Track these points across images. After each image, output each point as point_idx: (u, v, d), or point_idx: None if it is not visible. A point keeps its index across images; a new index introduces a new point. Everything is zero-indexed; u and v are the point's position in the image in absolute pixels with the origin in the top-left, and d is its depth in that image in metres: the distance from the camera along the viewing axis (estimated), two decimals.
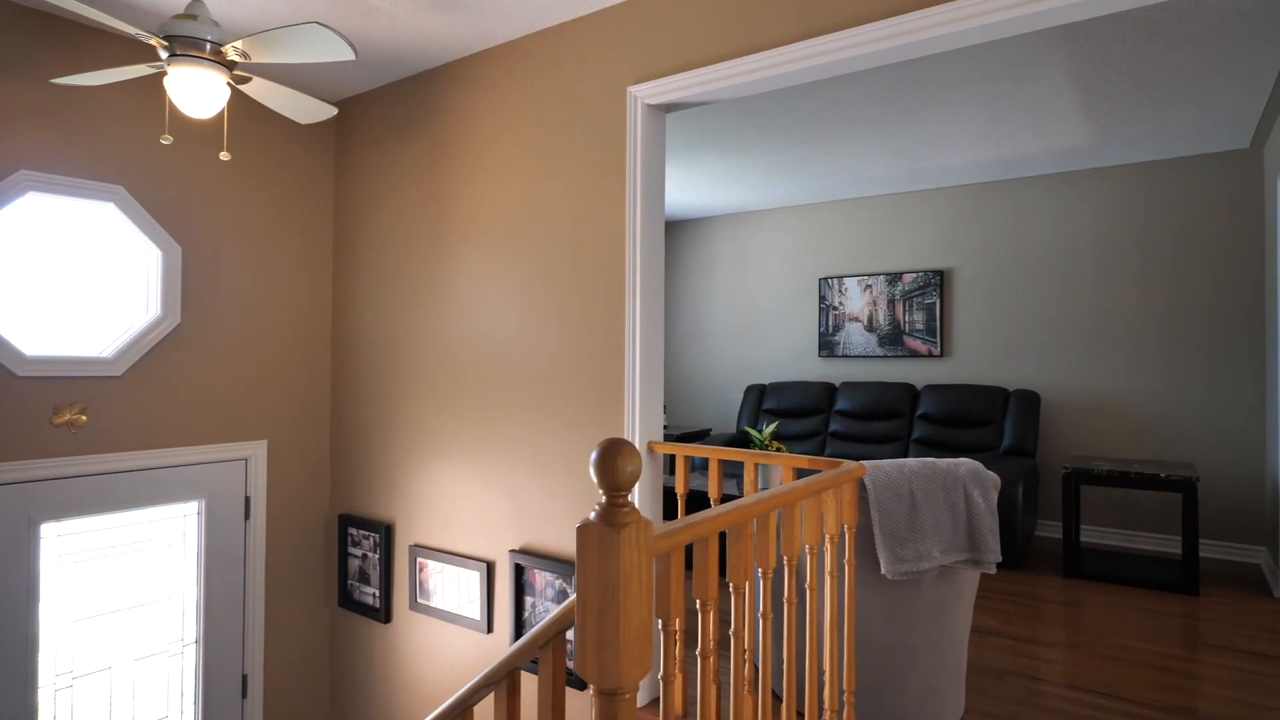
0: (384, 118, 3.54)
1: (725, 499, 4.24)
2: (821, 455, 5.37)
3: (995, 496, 2.28)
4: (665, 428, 6.18)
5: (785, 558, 1.77)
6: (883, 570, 2.15)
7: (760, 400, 5.97)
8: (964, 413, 4.97)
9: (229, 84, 2.44)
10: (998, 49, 3.07)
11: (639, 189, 2.62)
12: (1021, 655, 3.05)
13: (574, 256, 2.81)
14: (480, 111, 3.14)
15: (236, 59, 2.33)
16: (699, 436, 6.09)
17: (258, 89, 2.56)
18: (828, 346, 5.96)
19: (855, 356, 5.83)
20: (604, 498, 1.19)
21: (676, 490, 2.63)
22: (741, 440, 5.75)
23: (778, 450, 4.25)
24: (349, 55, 2.22)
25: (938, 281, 5.44)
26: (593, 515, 1.18)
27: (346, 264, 3.71)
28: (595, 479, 1.18)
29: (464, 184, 3.19)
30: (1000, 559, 2.21)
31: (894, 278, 5.64)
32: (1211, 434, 4.50)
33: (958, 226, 5.41)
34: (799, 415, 5.72)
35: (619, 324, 2.66)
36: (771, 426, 4.29)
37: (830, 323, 5.95)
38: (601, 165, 2.74)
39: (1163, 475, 3.84)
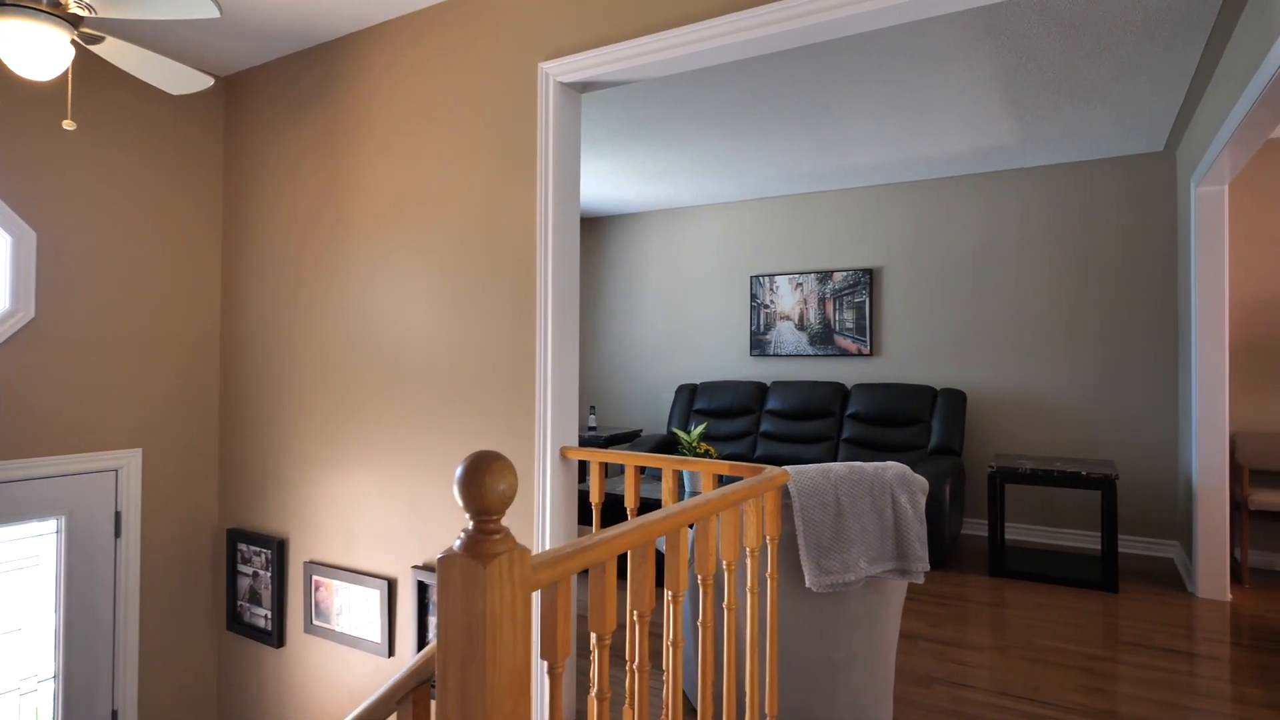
0: (277, 94, 3.24)
1: (653, 505, 4.07)
2: (752, 456, 5.28)
3: (923, 502, 2.17)
4: (593, 429, 5.99)
5: (700, 577, 1.60)
6: (807, 583, 2.01)
7: (691, 400, 5.84)
8: (893, 412, 4.95)
9: (74, 42, 2.12)
10: (924, 40, 2.99)
11: (551, 175, 2.42)
12: (949, 660, 2.98)
13: (483, 247, 2.58)
14: (381, 89, 2.88)
15: (81, 13, 2.02)
16: (629, 438, 5.92)
17: (113, 51, 2.24)
18: (759, 345, 5.87)
19: (787, 355, 5.76)
20: (470, 523, 1.00)
21: (591, 500, 2.44)
22: (671, 442, 5.61)
23: (705, 453, 4.12)
24: (213, 13, 1.95)
25: (867, 280, 5.41)
26: (457, 544, 0.98)
27: (237, 255, 3.38)
28: (460, 501, 0.99)
29: (365, 168, 2.93)
30: (929, 568, 2.10)
31: (824, 276, 5.60)
32: (1128, 431, 4.59)
33: (887, 225, 5.40)
34: (730, 415, 5.61)
35: (529, 320, 2.46)
36: (700, 428, 4.15)
37: (762, 321, 5.87)
38: (512, 149, 2.52)
39: (1084, 473, 3.87)
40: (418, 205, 2.76)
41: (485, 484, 0.97)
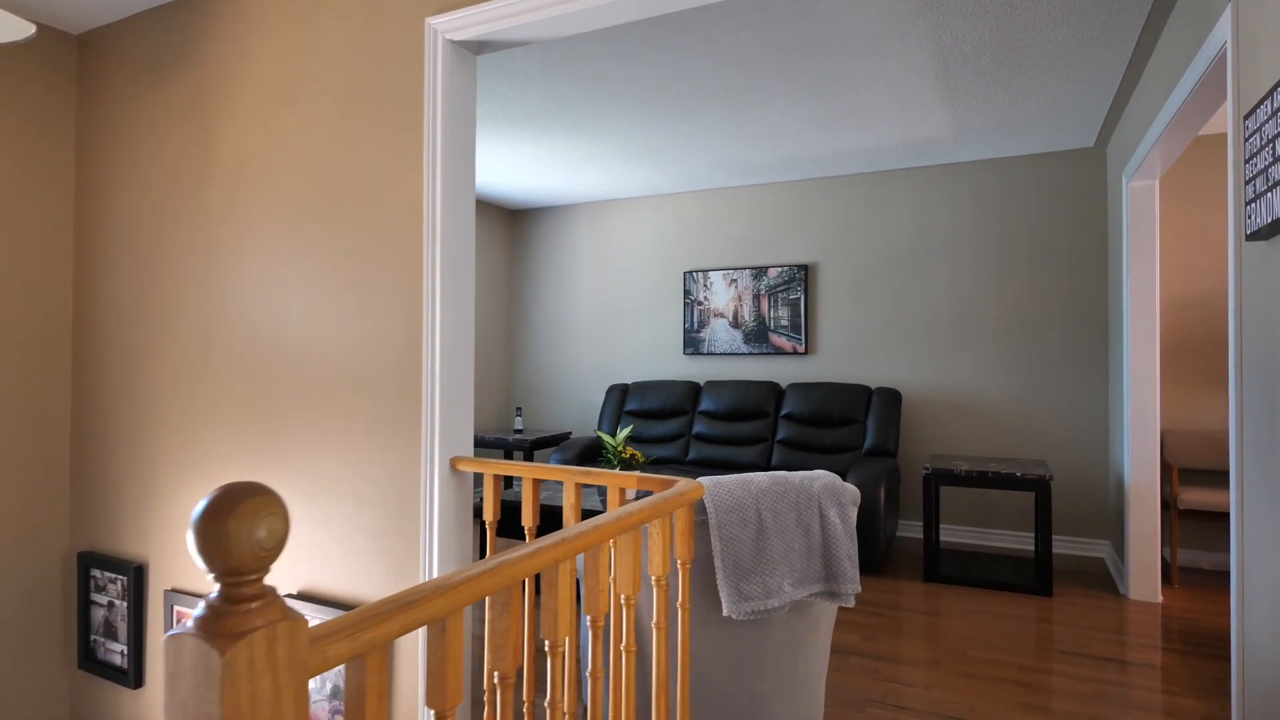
0: (139, 54, 2.83)
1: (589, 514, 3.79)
2: (685, 459, 5.06)
3: (855, 514, 1.96)
4: (519, 432, 5.68)
5: (589, 619, 1.34)
6: (725, 611, 1.77)
7: (623, 401, 5.59)
8: (828, 412, 4.79)
9: None
10: (857, 14, 2.80)
11: (440, 147, 2.12)
12: (882, 679, 2.80)
13: (366, 229, 2.26)
14: (251, 48, 2.52)
15: None
16: (557, 441, 5.63)
17: None
18: (693, 344, 5.66)
19: (721, 354, 5.56)
20: (215, 588, 0.71)
21: (485, 519, 2.14)
22: (599, 446, 5.34)
23: (631, 458, 3.86)
24: None
25: (802, 276, 5.25)
26: (189, 624, 0.68)
27: (92, 237, 2.95)
28: (196, 558, 0.69)
29: (235, 139, 2.56)
30: (859, 589, 1.89)
31: (759, 272, 5.42)
32: (1061, 429, 4.54)
33: (822, 220, 5.25)
34: (662, 417, 5.38)
35: (415, 312, 2.15)
36: (625, 431, 3.90)
37: (696, 319, 5.65)
38: (396, 117, 2.21)
39: (1018, 475, 3.76)
40: (294, 181, 2.41)
41: (230, 533, 0.68)
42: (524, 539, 3.75)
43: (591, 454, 5.22)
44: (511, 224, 6.51)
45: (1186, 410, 4.22)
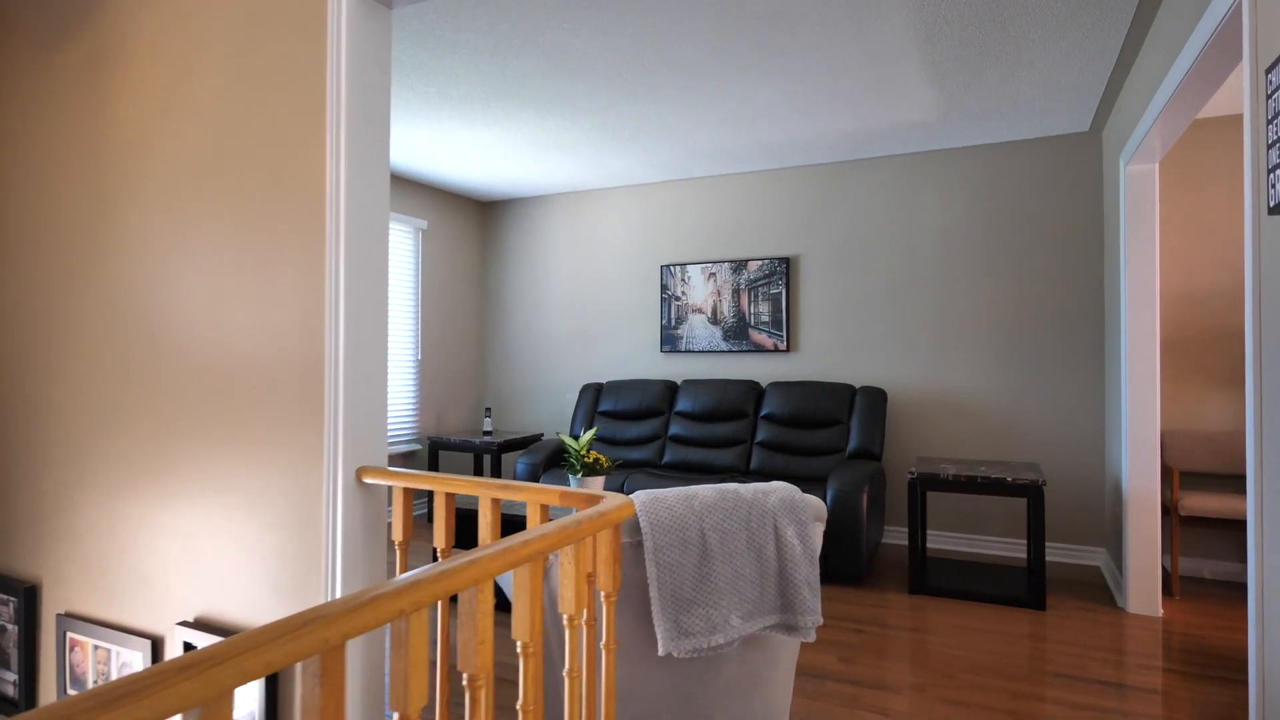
0: (29, 19, 2.55)
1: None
2: (660, 462, 4.80)
3: (818, 534, 1.70)
4: (488, 434, 5.41)
5: (466, 678, 1.07)
6: (660, 650, 1.51)
7: (597, 401, 5.32)
8: (809, 413, 4.54)
9: None
10: None
11: (344, 115, 1.85)
12: (860, 706, 2.54)
13: (265, 206, 1.99)
14: (151, 4, 2.24)
15: None
16: (527, 443, 5.36)
17: None
18: (670, 341, 5.39)
19: (699, 352, 5.30)
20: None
21: (395, 539, 1.87)
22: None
23: (595, 462, 3.60)
24: None
25: (784, 270, 5.00)
26: None
27: None
28: None
29: (132, 107, 2.28)
30: (821, 621, 1.63)
31: (739, 265, 5.16)
32: (1054, 430, 4.29)
33: (804, 211, 4.99)
34: (637, 417, 5.11)
35: (316, 302, 1.88)
36: (589, 433, 3.64)
37: (673, 315, 5.39)
38: (297, 81, 1.94)
39: (1009, 480, 3.51)
40: (190, 154, 2.14)
41: None
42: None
43: (561, 457, 4.95)
44: (483, 216, 6.23)
45: (1187, 410, 3.98)
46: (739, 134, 4.30)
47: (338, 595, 1.82)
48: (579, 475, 3.57)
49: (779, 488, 1.66)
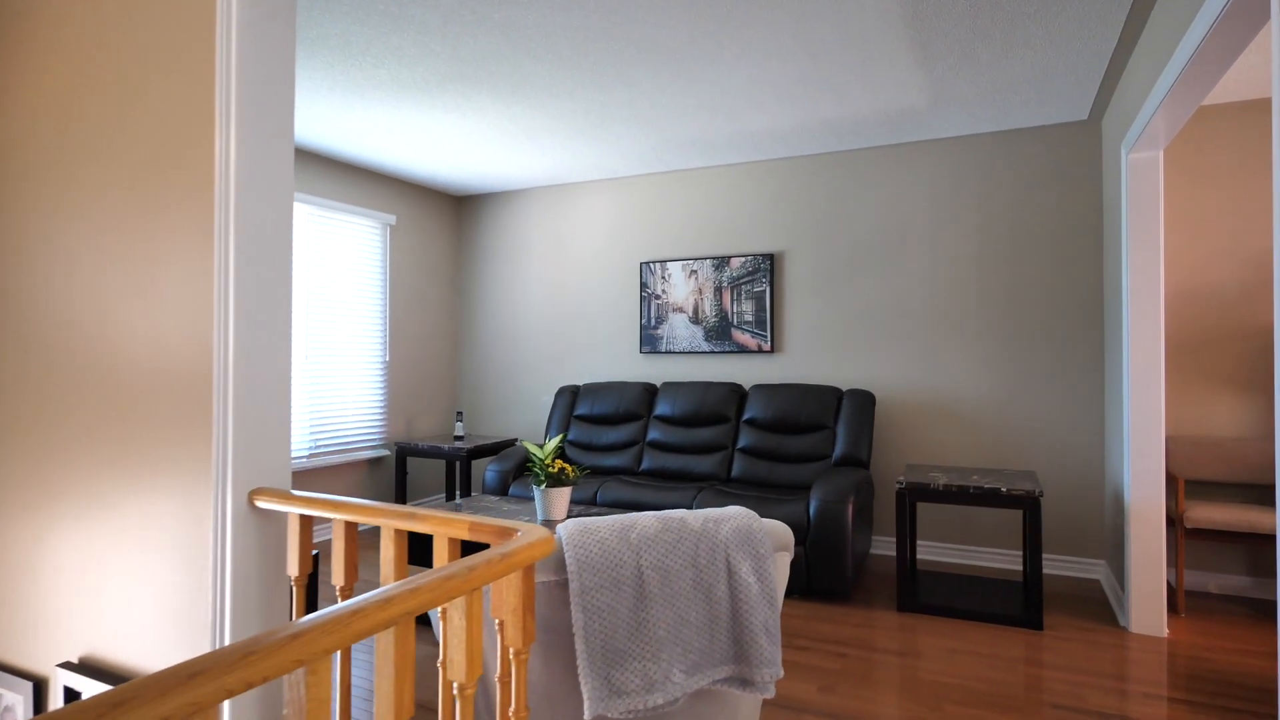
0: None
1: None
2: (638, 469, 4.56)
3: (783, 565, 1.46)
4: (459, 439, 5.16)
5: None
6: (587, 713, 1.26)
7: (573, 404, 5.07)
8: (794, 417, 4.30)
9: None
10: None
11: (234, 89, 1.60)
12: None
13: (155, 199, 1.74)
14: None
15: None
16: (499, 449, 5.12)
17: None
18: (650, 341, 5.15)
19: (680, 353, 5.06)
20: None
21: (290, 574, 1.62)
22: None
23: (561, 472, 3.36)
24: None
25: (768, 266, 4.76)
26: None
27: None
28: None
29: (28, 82, 2.03)
30: (781, 673, 1.38)
31: (721, 262, 4.91)
32: (1051, 436, 4.06)
33: (788, 205, 4.75)
34: (615, 422, 4.87)
35: (204, 301, 1.63)
36: (554, 441, 3.39)
37: (653, 314, 5.15)
38: (188, 52, 1.69)
39: (1004, 490, 3.28)
40: (84, 135, 1.89)
41: None
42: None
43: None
44: (458, 211, 5.98)
45: (1193, 415, 3.75)
46: (717, 122, 4.06)
47: (227, 636, 1.57)
48: (543, 486, 3.33)
49: (733, 515, 1.42)
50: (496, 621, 1.21)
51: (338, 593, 1.51)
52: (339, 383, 4.90)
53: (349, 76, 3.39)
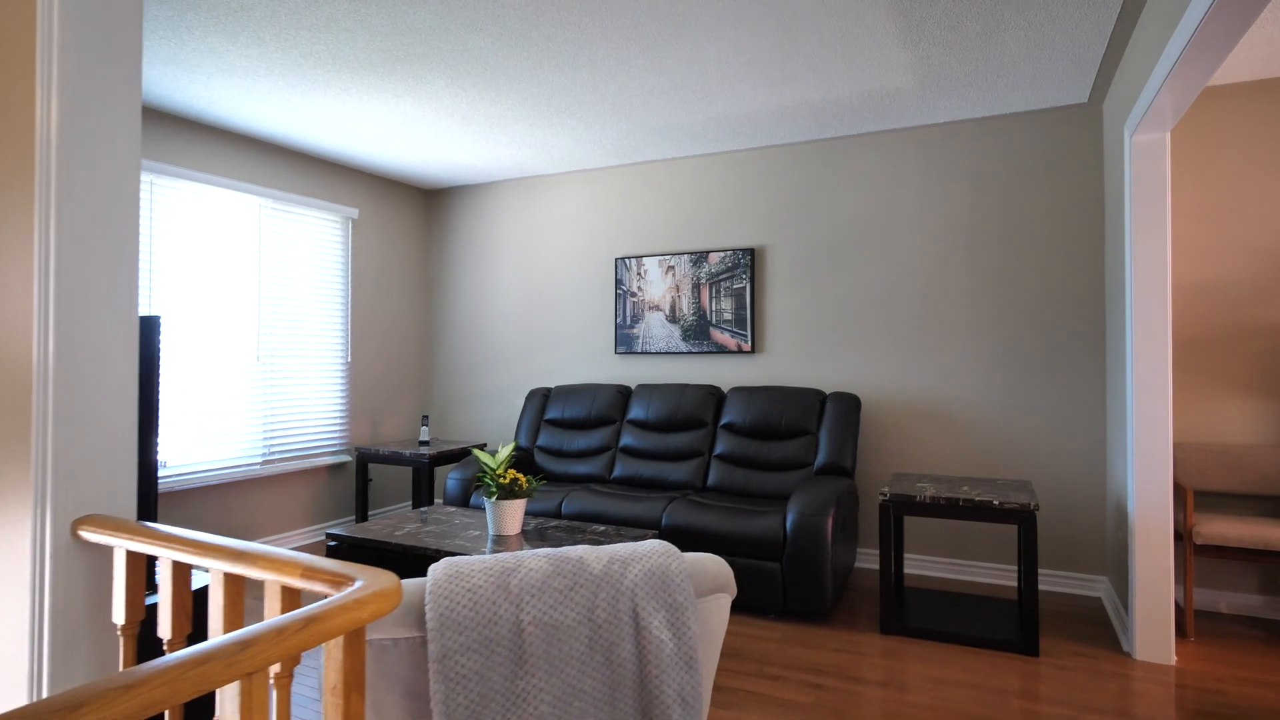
0: None
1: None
2: (610, 477, 4.29)
3: (716, 612, 1.19)
4: (424, 444, 4.89)
5: None
6: None
7: (544, 407, 4.80)
8: (774, 422, 4.02)
9: None
10: None
11: (56, 28, 1.33)
12: None
13: None
14: None
15: None
16: (466, 454, 4.84)
17: None
18: (626, 341, 4.88)
19: (657, 353, 4.79)
20: None
21: (115, 620, 1.35)
22: (517, 461, 4.51)
23: (514, 483, 3.09)
24: None
25: (748, 262, 4.48)
26: None
27: None
28: None
29: None
30: None
31: (699, 257, 4.64)
32: (1049, 445, 3.78)
33: (769, 196, 4.48)
34: (587, 426, 4.60)
35: (24, 290, 1.36)
36: (506, 450, 3.13)
37: (628, 312, 4.88)
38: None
39: (996, 504, 3.00)
40: None
41: None
42: None
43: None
44: (427, 205, 5.71)
45: (1202, 420, 3.47)
46: (689, 106, 3.79)
47: (44, 689, 1.30)
48: (493, 498, 3.06)
49: (645, 554, 1.15)
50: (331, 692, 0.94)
51: (166, 646, 1.24)
52: (295, 384, 4.63)
53: (285, 55, 3.12)
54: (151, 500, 1.94)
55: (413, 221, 5.57)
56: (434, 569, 1.11)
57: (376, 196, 5.23)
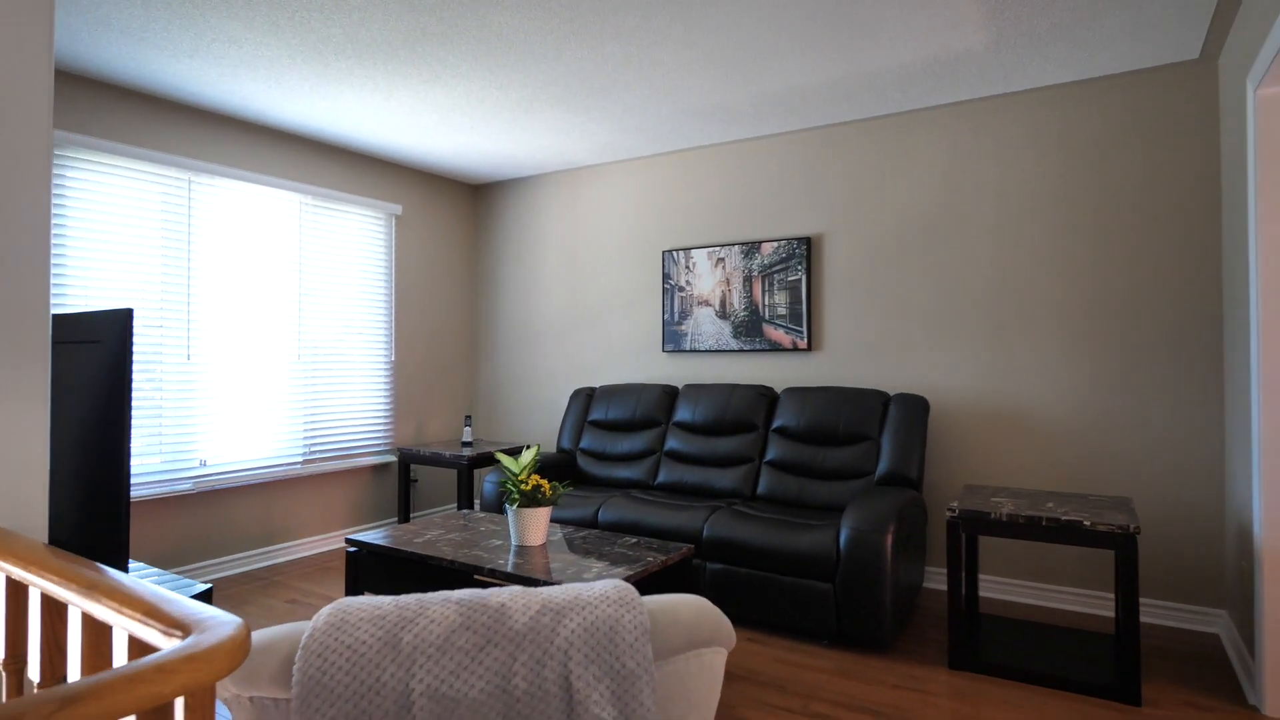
0: None
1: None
2: (654, 483, 4.03)
3: (704, 671, 0.91)
4: (467, 445, 4.74)
5: None
6: None
7: (587, 408, 4.58)
8: (831, 425, 3.67)
9: None
10: None
11: None
12: None
13: None
14: None
15: None
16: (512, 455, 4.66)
17: None
18: (674, 339, 4.60)
19: (706, 351, 4.49)
20: None
21: None
22: (557, 464, 4.30)
23: (537, 489, 2.87)
24: None
25: (803, 252, 4.13)
26: None
27: None
28: None
29: None
30: None
31: (751, 249, 4.32)
32: (1153, 457, 3.29)
33: (827, 181, 4.11)
34: (630, 428, 4.34)
35: None
36: (530, 454, 2.91)
37: (676, 308, 4.60)
38: None
39: (1088, 524, 2.57)
40: None
41: None
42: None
43: (543, 473, 4.23)
44: (474, 201, 5.59)
45: None
46: (730, 83, 3.48)
47: None
48: (515, 506, 2.85)
49: (593, 601, 0.88)
50: None
51: (35, 689, 1.06)
52: (337, 383, 4.57)
53: (302, 41, 3.00)
54: (120, 512, 1.80)
55: (459, 217, 5.46)
56: (319, 615, 0.87)
57: (421, 192, 5.13)
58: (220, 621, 0.77)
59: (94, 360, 1.91)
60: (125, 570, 1.85)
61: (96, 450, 1.89)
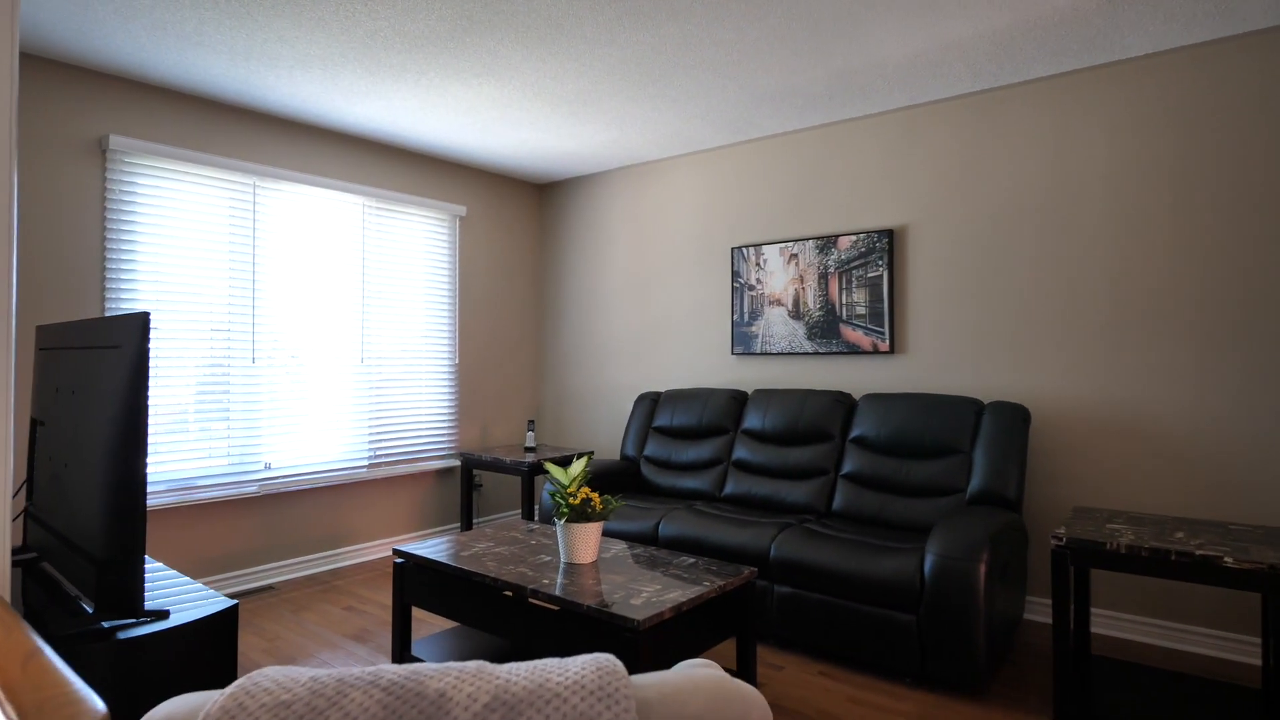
0: None
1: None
2: (720, 495, 3.79)
3: None
4: (531, 450, 4.62)
5: None
6: None
7: (652, 413, 4.37)
8: (916, 436, 3.32)
9: None
10: None
11: None
12: None
13: None
14: None
15: None
16: (563, 463, 4.52)
17: None
18: (743, 341, 4.33)
19: (778, 354, 4.20)
20: None
21: None
22: (621, 473, 4.10)
23: (587, 502, 2.69)
24: None
25: (885, 247, 3.78)
26: None
27: None
28: None
29: None
30: None
31: (827, 243, 4.00)
32: None
33: (911, 168, 3.75)
34: (697, 435, 4.10)
35: None
36: (580, 464, 2.73)
37: (746, 308, 4.32)
38: None
39: (1229, 561, 2.16)
40: None
41: None
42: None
43: (604, 482, 4.04)
44: (539, 200, 5.49)
45: None
46: (800, 62, 3.19)
47: None
48: (564, 520, 2.67)
49: (562, 690, 0.66)
50: None
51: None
52: (401, 386, 4.54)
53: (350, 36, 2.93)
54: (137, 523, 1.71)
55: (524, 217, 5.36)
56: (222, 694, 0.69)
57: (486, 193, 5.06)
58: (87, 697, 0.59)
59: (115, 365, 1.84)
60: (141, 571, 1.77)
61: (116, 453, 1.82)
